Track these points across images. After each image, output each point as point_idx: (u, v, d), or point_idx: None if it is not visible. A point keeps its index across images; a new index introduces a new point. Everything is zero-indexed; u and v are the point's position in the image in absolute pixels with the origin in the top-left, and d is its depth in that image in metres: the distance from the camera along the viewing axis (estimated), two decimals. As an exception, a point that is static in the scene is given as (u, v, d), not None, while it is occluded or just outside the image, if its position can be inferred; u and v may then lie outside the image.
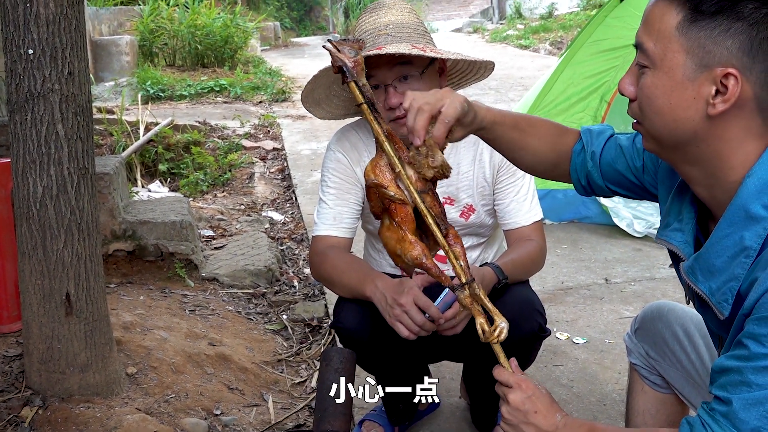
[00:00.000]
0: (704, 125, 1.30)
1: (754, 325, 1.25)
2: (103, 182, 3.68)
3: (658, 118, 1.34)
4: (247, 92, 10.57)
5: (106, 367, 2.57)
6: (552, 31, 16.73)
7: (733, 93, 1.26)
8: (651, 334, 1.94)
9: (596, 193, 1.78)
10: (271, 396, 2.90)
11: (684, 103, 1.30)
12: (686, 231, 1.47)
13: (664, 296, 3.70)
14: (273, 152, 7.48)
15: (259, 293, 3.96)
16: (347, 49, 1.59)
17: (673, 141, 1.35)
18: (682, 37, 1.28)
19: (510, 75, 11.27)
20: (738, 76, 1.25)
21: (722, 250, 1.34)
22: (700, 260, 1.39)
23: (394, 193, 1.56)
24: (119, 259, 3.86)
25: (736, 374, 1.26)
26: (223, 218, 5.31)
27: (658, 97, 1.32)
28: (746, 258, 1.29)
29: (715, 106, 1.27)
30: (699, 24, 1.26)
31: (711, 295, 1.36)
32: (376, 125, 1.55)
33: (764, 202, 1.28)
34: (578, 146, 1.75)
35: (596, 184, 1.74)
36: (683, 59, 1.28)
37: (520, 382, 1.49)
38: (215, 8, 13.37)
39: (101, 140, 6.77)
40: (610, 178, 1.71)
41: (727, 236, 1.32)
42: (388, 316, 2.00)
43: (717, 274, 1.35)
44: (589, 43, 4.85)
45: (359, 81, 1.57)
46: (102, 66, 11.12)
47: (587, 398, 2.83)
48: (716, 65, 1.26)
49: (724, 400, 1.27)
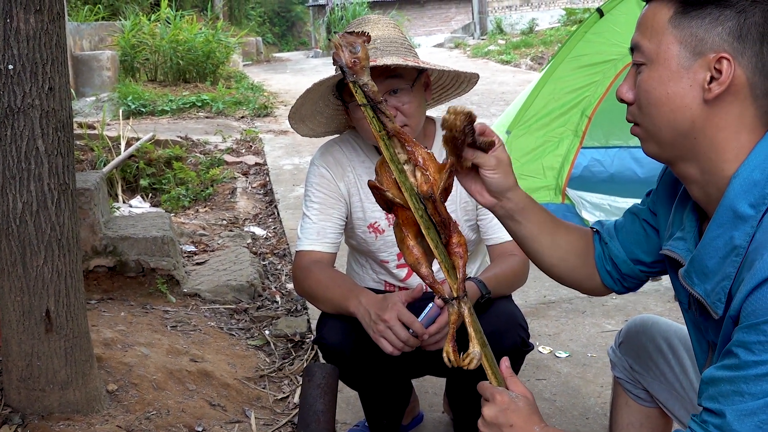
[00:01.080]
0: (701, 113, 1.33)
1: (743, 333, 1.25)
2: (84, 198, 3.66)
3: (657, 110, 1.36)
4: (229, 107, 10.56)
5: (87, 384, 2.55)
6: (533, 47, 16.87)
7: (728, 75, 1.29)
8: (635, 347, 1.94)
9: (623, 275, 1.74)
10: (254, 412, 2.88)
11: (681, 91, 1.33)
12: (688, 239, 1.48)
13: (645, 310, 3.72)
14: (255, 167, 7.47)
15: (242, 309, 3.94)
16: (354, 43, 1.47)
17: (672, 134, 1.37)
18: (675, 29, 1.33)
19: (491, 90, 11.33)
20: (731, 59, 1.29)
21: (714, 251, 1.35)
22: (694, 263, 1.40)
23: (393, 195, 1.52)
24: (100, 275, 3.83)
25: (727, 384, 1.25)
26: (205, 233, 5.28)
27: (655, 89, 1.36)
28: (736, 257, 1.31)
29: (711, 90, 1.31)
30: (690, 15, 1.32)
31: (706, 296, 1.37)
32: (376, 124, 1.48)
33: (750, 200, 1.30)
34: (595, 236, 1.78)
35: (619, 258, 1.72)
36: (677, 50, 1.33)
37: (495, 395, 1.47)
38: (197, 23, 13.37)
39: (82, 155, 6.73)
40: (627, 247, 1.71)
41: (718, 237, 1.34)
42: (372, 332, 2.00)
43: (711, 276, 1.36)
44: (570, 58, 4.89)
45: (359, 81, 1.46)
46: (83, 81, 11.07)
47: (570, 412, 2.83)
48: (709, 51, 1.30)
49: (717, 412, 1.25)
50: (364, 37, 1.47)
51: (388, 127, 1.48)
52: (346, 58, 1.45)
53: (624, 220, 1.75)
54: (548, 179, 4.81)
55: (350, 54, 1.45)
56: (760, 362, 1.21)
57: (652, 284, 4.06)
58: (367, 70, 1.46)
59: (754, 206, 1.29)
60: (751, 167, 1.31)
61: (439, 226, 1.51)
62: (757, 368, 1.21)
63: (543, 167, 4.83)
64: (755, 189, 1.30)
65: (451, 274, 1.52)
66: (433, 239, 1.51)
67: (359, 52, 1.45)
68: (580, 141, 4.82)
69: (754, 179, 1.30)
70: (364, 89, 1.47)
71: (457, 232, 1.52)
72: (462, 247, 1.52)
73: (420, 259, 1.53)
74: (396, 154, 1.50)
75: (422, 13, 30.62)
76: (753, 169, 1.31)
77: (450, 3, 30.43)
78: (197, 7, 18.62)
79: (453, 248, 1.52)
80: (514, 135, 4.84)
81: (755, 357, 1.22)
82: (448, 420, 2.79)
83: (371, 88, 1.46)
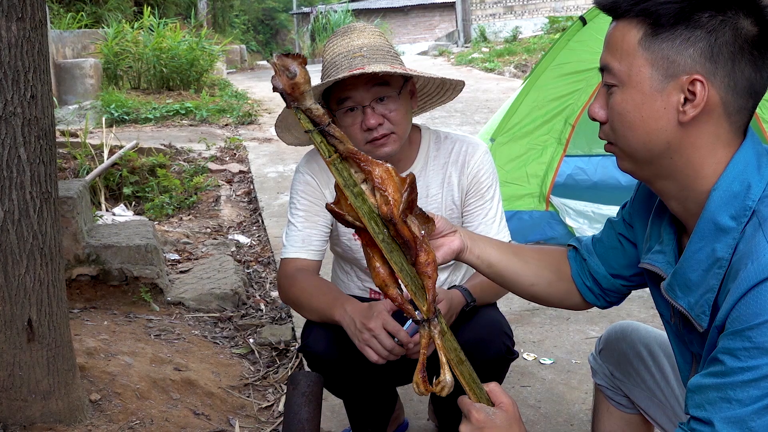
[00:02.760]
0: (676, 134, 1.33)
1: (728, 340, 1.25)
2: (67, 206, 3.64)
3: (631, 132, 1.36)
4: (213, 115, 10.53)
5: (69, 393, 2.53)
6: (516, 54, 16.95)
7: (702, 97, 1.29)
8: (615, 354, 1.95)
9: (604, 289, 1.77)
10: (238, 421, 2.86)
11: (655, 114, 1.32)
12: (667, 252, 1.48)
13: (629, 316, 3.73)
14: (239, 175, 7.45)
15: (226, 317, 3.92)
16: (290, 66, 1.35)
17: (648, 155, 1.37)
18: (646, 51, 1.32)
19: (475, 98, 11.37)
20: (704, 81, 1.28)
21: (696, 264, 1.36)
22: (676, 276, 1.41)
23: (353, 219, 1.44)
24: (83, 284, 3.81)
25: (714, 392, 1.25)
26: (189, 242, 5.26)
27: (629, 112, 1.35)
28: (719, 269, 1.31)
29: (685, 113, 1.30)
30: (660, 37, 1.30)
31: (690, 309, 1.38)
32: (325, 148, 1.41)
33: (731, 213, 1.31)
34: (571, 253, 1.79)
35: (599, 274, 1.74)
36: (649, 72, 1.32)
37: (472, 413, 1.45)
38: (180, 31, 13.35)
39: (64, 164, 6.69)
40: (607, 262, 1.73)
41: (700, 250, 1.35)
42: (357, 341, 2.00)
43: (694, 289, 1.37)
44: (553, 66, 4.91)
45: (301, 106, 1.37)
46: (66, 89, 11.03)
47: (555, 419, 2.83)
48: (682, 73, 1.29)
49: (705, 421, 1.26)
50: (300, 59, 1.36)
51: (340, 150, 1.40)
52: (284, 83, 1.35)
53: (602, 234, 1.76)
54: (532, 187, 4.83)
55: (287, 79, 1.35)
56: (746, 368, 1.22)
57: (635, 291, 4.07)
58: (308, 93, 1.37)
59: (735, 218, 1.30)
60: (729, 179, 1.32)
61: (404, 247, 1.44)
62: (744, 374, 1.22)
63: (527, 175, 4.84)
64: (735, 201, 1.31)
65: (419, 295, 1.46)
66: (396, 263, 1.45)
67: (297, 76, 1.34)
68: (564, 149, 4.84)
69: (734, 191, 1.31)
70: (308, 114, 1.38)
71: (425, 250, 1.45)
72: (431, 266, 1.45)
73: (387, 280, 1.47)
74: (351, 177, 1.42)
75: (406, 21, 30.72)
76: (732, 181, 1.32)
77: (434, 11, 30.56)
78: (181, 15, 18.59)
79: (421, 268, 1.45)
80: (499, 143, 4.86)
81: (741, 363, 1.22)
82: (433, 427, 2.79)
83: (315, 112, 1.38)
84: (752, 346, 1.21)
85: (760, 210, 1.29)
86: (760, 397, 1.21)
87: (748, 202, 1.30)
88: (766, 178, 1.32)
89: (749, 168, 1.32)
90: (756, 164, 1.33)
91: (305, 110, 1.38)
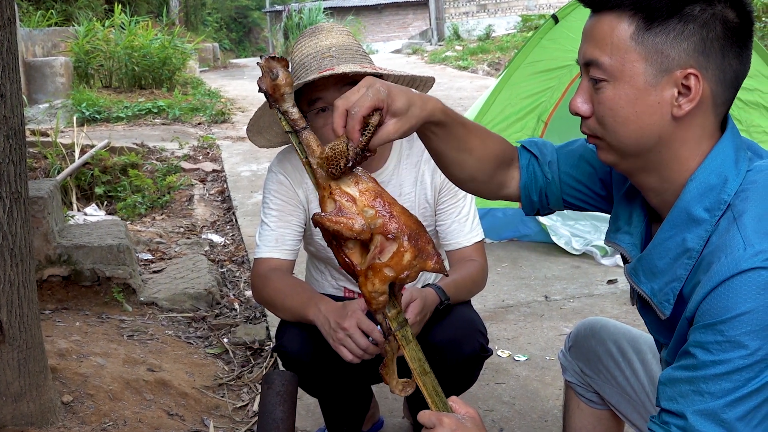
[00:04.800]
0: (669, 128, 1.33)
1: (699, 333, 1.26)
2: (37, 206, 3.60)
3: (624, 128, 1.35)
4: (186, 114, 10.46)
5: (41, 395, 2.50)
6: (490, 53, 17.02)
7: (697, 92, 1.29)
8: (585, 351, 1.96)
9: (543, 208, 1.68)
10: (212, 421, 2.85)
11: (649, 109, 1.32)
12: (635, 234, 1.49)
13: (602, 312, 3.76)
14: (213, 174, 7.41)
15: (199, 317, 3.90)
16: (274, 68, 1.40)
17: (637, 149, 1.36)
18: (639, 45, 1.30)
19: (449, 96, 11.39)
20: (698, 75, 1.29)
21: (665, 251, 1.37)
22: (642, 261, 1.42)
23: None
24: (54, 285, 3.77)
25: (686, 384, 1.27)
26: (162, 241, 5.23)
27: (622, 107, 1.34)
28: (688, 259, 1.33)
29: (681, 107, 1.31)
30: (653, 31, 1.29)
31: (653, 295, 1.39)
32: (301, 150, 1.44)
33: (706, 205, 1.32)
34: (524, 160, 1.67)
35: (553, 195, 1.66)
36: (643, 67, 1.31)
37: (443, 418, 1.40)
38: (152, 29, 13.24)
39: (35, 163, 6.61)
40: (569, 189, 1.65)
41: (670, 238, 1.36)
42: (332, 340, 2.00)
43: (659, 275, 1.38)
44: (526, 64, 4.94)
45: (281, 107, 1.42)
46: (36, 88, 10.89)
47: (529, 415, 2.85)
48: (676, 68, 1.29)
49: (677, 413, 1.27)
50: (284, 63, 1.40)
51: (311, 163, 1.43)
52: (267, 85, 1.40)
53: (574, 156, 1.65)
54: (506, 184, 4.84)
55: (270, 80, 1.40)
56: (718, 362, 1.23)
57: (608, 287, 4.12)
58: (289, 96, 1.41)
59: (708, 210, 1.32)
60: (707, 171, 1.33)
61: None
62: (716, 368, 1.23)
63: (500, 172, 4.86)
64: (711, 193, 1.32)
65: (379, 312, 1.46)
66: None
67: (279, 78, 1.39)
68: (537, 146, 4.87)
69: (710, 183, 1.33)
70: (285, 116, 1.43)
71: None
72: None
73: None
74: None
75: (380, 19, 30.73)
76: (709, 173, 1.33)
77: (407, 9, 30.59)
78: (152, 13, 18.43)
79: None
80: (472, 140, 4.86)
81: (713, 357, 1.24)
82: (408, 425, 2.79)
83: (291, 115, 1.42)
84: (724, 339, 1.23)
85: (735, 204, 1.31)
86: (732, 389, 1.23)
87: (723, 195, 1.31)
88: (742, 172, 1.33)
89: (727, 161, 1.34)
90: (734, 158, 1.34)
91: (283, 112, 1.41)
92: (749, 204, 1.30)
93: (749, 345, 1.22)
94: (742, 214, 1.29)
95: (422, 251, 1.39)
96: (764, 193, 1.31)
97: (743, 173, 1.33)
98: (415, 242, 1.39)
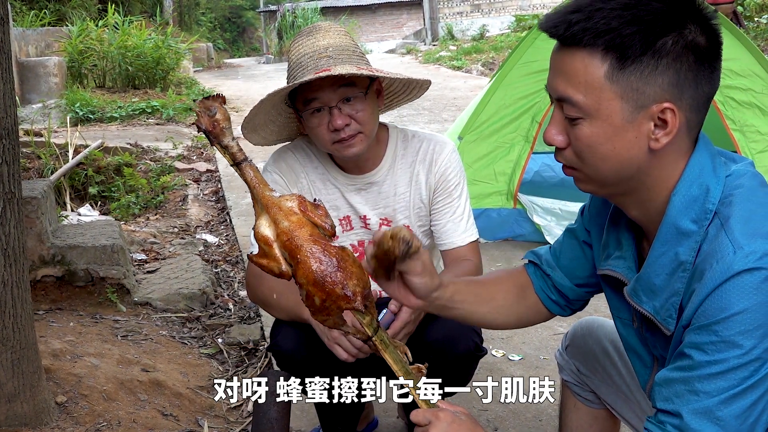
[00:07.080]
0: (647, 158, 1.34)
1: (694, 334, 1.27)
2: (31, 206, 3.59)
3: (604, 163, 1.35)
4: (180, 114, 10.45)
5: (35, 396, 2.50)
6: (484, 53, 17.05)
7: (674, 125, 1.30)
8: (581, 350, 1.97)
9: (571, 300, 1.77)
10: (207, 421, 2.85)
11: (627, 144, 1.33)
12: (627, 257, 1.50)
13: (596, 312, 3.74)
14: (207, 174, 7.40)
15: (194, 317, 3.90)
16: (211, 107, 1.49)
17: (617, 179, 1.37)
18: (614, 84, 1.30)
19: (443, 95, 11.41)
20: (674, 109, 1.30)
21: (660, 268, 1.38)
22: (640, 281, 1.42)
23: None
24: (48, 285, 3.76)
25: (681, 384, 1.28)
26: (156, 241, 5.22)
27: (601, 144, 1.34)
28: (683, 272, 1.34)
29: (658, 140, 1.32)
30: (628, 69, 1.29)
31: (656, 313, 1.40)
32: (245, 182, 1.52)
33: (692, 216, 1.33)
34: (530, 270, 1.79)
35: (565, 287, 1.74)
36: (619, 105, 1.30)
37: (438, 413, 1.42)
38: (146, 29, 13.23)
39: (29, 163, 6.60)
40: (571, 273, 1.73)
41: (663, 255, 1.37)
42: (327, 339, 2.00)
43: (659, 293, 1.39)
44: (520, 64, 4.94)
45: (221, 142, 1.49)
46: (29, 88, 10.87)
47: (523, 414, 2.85)
48: (651, 103, 1.30)
49: (673, 413, 1.28)
50: (220, 100, 1.49)
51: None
52: (206, 123, 1.48)
53: (562, 244, 1.76)
54: (500, 184, 4.86)
55: (209, 118, 1.48)
56: (714, 362, 1.24)
57: (602, 287, 4.11)
58: (228, 130, 1.49)
59: (696, 221, 1.33)
60: (687, 183, 1.35)
61: None
62: (711, 368, 1.25)
63: (495, 173, 4.87)
64: (695, 205, 1.34)
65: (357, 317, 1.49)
66: None
67: (216, 114, 1.48)
68: (531, 146, 4.88)
69: (693, 195, 1.34)
70: (226, 150, 1.49)
71: None
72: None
73: None
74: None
75: (374, 19, 30.72)
76: (690, 185, 1.35)
77: (401, 9, 30.58)
78: (146, 13, 18.42)
79: None
80: (466, 141, 4.87)
81: (708, 357, 1.25)
82: (402, 425, 2.79)
83: (231, 150, 1.49)
84: (719, 339, 1.24)
85: (720, 211, 1.32)
86: (727, 387, 1.24)
87: (708, 205, 1.33)
88: (722, 178, 1.35)
89: (705, 170, 1.35)
90: (711, 166, 1.36)
91: (224, 147, 1.49)
92: (734, 208, 1.31)
93: (744, 344, 1.23)
94: (728, 218, 1.30)
95: (330, 294, 1.43)
96: (748, 195, 1.33)
97: (722, 179, 1.35)
98: (321, 286, 1.42)
